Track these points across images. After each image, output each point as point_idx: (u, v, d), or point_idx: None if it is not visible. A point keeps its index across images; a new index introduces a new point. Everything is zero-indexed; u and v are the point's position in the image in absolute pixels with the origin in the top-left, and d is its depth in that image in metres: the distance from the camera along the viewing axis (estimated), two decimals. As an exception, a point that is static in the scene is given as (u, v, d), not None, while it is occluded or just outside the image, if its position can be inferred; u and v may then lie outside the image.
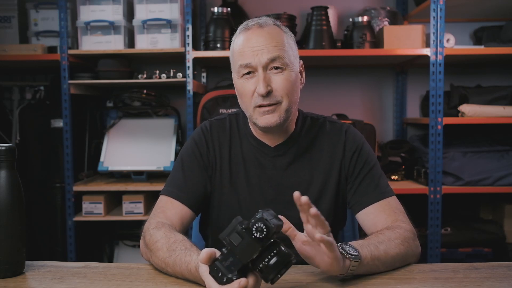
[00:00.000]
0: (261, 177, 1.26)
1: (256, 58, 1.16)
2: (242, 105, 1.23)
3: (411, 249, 1.11)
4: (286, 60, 1.17)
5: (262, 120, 1.18)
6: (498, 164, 2.45)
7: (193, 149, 1.28)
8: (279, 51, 1.17)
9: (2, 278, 1.04)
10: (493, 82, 2.80)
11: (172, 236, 1.08)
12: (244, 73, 1.18)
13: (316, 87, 2.93)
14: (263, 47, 1.16)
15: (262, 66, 1.16)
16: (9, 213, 1.04)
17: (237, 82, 1.22)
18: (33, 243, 2.68)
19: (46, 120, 2.69)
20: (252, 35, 1.19)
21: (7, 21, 2.63)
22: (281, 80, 1.17)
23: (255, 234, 0.82)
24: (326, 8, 2.51)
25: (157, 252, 1.07)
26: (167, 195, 1.24)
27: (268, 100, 1.16)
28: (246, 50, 1.18)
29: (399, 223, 1.16)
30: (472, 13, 2.77)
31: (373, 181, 1.24)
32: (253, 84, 1.17)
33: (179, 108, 2.78)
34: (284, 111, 1.18)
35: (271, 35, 1.18)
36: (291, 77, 1.18)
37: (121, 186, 2.49)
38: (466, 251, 2.55)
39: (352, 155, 1.26)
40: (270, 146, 1.26)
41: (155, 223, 1.15)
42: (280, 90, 1.17)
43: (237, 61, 1.20)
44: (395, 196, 1.24)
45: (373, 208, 1.21)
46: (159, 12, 2.48)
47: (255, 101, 1.17)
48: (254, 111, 1.18)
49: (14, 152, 1.05)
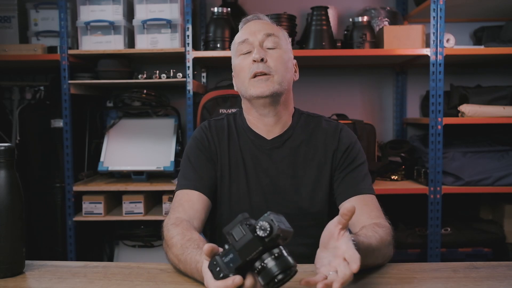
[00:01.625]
0: (258, 169, 1.30)
1: (253, 36, 1.28)
2: (238, 83, 1.31)
3: (391, 251, 1.14)
4: (280, 41, 1.29)
5: (256, 88, 1.25)
6: (498, 164, 2.45)
7: (197, 145, 1.33)
8: (274, 31, 1.30)
9: (2, 278, 1.04)
10: (493, 82, 2.80)
11: (188, 234, 1.09)
12: (242, 53, 1.28)
13: (316, 87, 2.93)
14: (260, 28, 1.30)
15: (259, 41, 1.27)
16: (9, 213, 1.04)
17: (235, 62, 1.31)
18: (33, 243, 2.67)
19: (46, 120, 2.69)
20: (251, 23, 1.33)
21: (7, 21, 2.63)
22: (275, 55, 1.27)
23: (258, 232, 0.81)
24: (326, 8, 2.51)
25: (172, 248, 1.08)
26: (181, 188, 1.27)
27: (262, 68, 1.24)
28: (245, 31, 1.31)
29: (382, 221, 1.19)
30: (472, 13, 2.77)
31: (359, 176, 1.29)
32: (250, 59, 1.26)
33: (179, 108, 2.78)
34: (277, 83, 1.25)
35: (268, 23, 1.34)
36: (284, 54, 1.28)
37: (121, 186, 2.49)
38: (466, 251, 2.55)
39: (344, 150, 1.31)
40: (267, 138, 1.31)
41: (174, 218, 1.17)
42: (273, 62, 1.26)
43: (236, 42, 1.32)
44: (375, 197, 1.28)
45: (355, 201, 1.24)
46: (159, 12, 2.48)
47: (250, 72, 1.25)
48: (249, 83, 1.26)
49: (13, 152, 1.05)
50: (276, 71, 1.25)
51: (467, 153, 2.49)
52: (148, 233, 2.67)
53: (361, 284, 0.99)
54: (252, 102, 1.28)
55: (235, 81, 1.34)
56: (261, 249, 0.81)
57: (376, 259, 1.07)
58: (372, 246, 1.03)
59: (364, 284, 1.00)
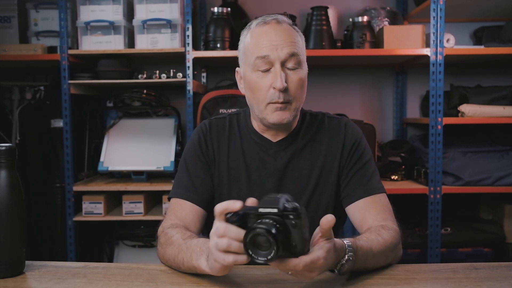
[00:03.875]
0: (262, 172, 1.28)
1: (275, 52, 1.17)
2: (252, 100, 1.23)
3: (399, 253, 1.14)
4: (301, 58, 1.20)
5: (274, 116, 1.19)
6: (498, 164, 2.45)
7: (195, 149, 1.31)
8: (296, 48, 1.19)
9: (2, 278, 1.04)
10: (493, 82, 2.80)
11: (188, 232, 1.11)
12: (261, 69, 1.18)
13: (316, 87, 2.93)
14: (282, 42, 1.17)
15: (281, 61, 1.17)
16: (9, 213, 1.04)
17: (250, 76, 1.21)
18: (33, 243, 2.68)
19: (46, 120, 2.69)
20: (270, 29, 1.19)
21: (7, 21, 2.63)
22: (296, 79, 1.19)
23: (286, 203, 0.86)
24: (326, 8, 2.51)
25: (173, 244, 1.08)
26: (176, 197, 1.26)
27: (283, 98, 1.17)
28: (265, 43, 1.18)
29: (390, 223, 1.18)
30: (472, 13, 2.77)
31: (366, 176, 1.26)
32: (270, 79, 1.18)
33: (179, 108, 2.78)
34: (293, 110, 1.21)
35: (289, 32, 1.20)
36: (303, 76, 1.21)
37: (121, 186, 2.49)
38: (466, 251, 2.55)
39: (350, 147, 1.28)
40: (272, 141, 1.29)
41: (169, 224, 1.17)
42: (293, 89, 1.19)
43: (253, 53, 1.19)
44: (385, 194, 1.26)
45: (363, 202, 1.23)
46: (159, 12, 2.48)
47: (270, 97, 1.18)
48: (266, 107, 1.20)
49: (14, 152, 1.05)
50: (295, 97, 1.19)
51: (467, 153, 2.49)
52: (148, 233, 2.68)
53: (361, 285, 0.99)
54: (265, 123, 1.25)
55: (246, 94, 1.26)
56: (276, 211, 0.85)
57: (377, 263, 1.06)
58: (372, 250, 1.03)
59: (364, 284, 1.00)
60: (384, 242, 1.07)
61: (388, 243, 1.08)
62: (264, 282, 1.01)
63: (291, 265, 0.84)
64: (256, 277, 1.04)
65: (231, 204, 0.87)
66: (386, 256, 1.08)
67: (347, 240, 0.97)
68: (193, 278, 1.04)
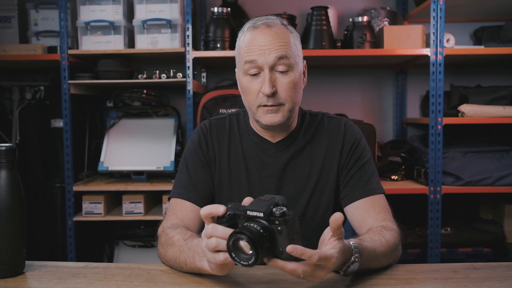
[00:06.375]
0: (262, 173, 1.28)
1: (262, 57, 1.17)
2: (245, 102, 1.26)
3: (399, 253, 1.15)
4: (291, 60, 1.19)
5: (265, 118, 1.21)
6: (498, 164, 2.45)
7: (195, 149, 1.31)
8: (286, 50, 1.18)
9: (2, 278, 1.04)
10: (493, 82, 2.80)
11: (189, 232, 1.11)
12: (250, 73, 1.20)
13: (316, 87, 2.93)
14: (270, 46, 1.18)
15: (269, 66, 1.18)
16: (9, 213, 1.04)
17: (242, 79, 1.23)
18: (33, 243, 2.67)
19: (46, 120, 2.69)
20: (259, 34, 1.20)
21: (7, 21, 2.63)
22: (285, 82, 1.19)
23: (273, 208, 0.85)
24: (326, 8, 2.51)
25: (174, 244, 1.08)
26: (176, 197, 1.27)
27: (272, 101, 1.18)
28: (253, 48, 1.19)
29: (390, 223, 1.19)
30: (472, 13, 2.77)
31: (365, 176, 1.26)
32: (259, 83, 1.19)
33: (179, 108, 2.78)
34: (287, 111, 1.21)
35: (278, 34, 1.19)
36: (295, 78, 1.20)
37: (121, 186, 2.49)
38: (466, 251, 2.55)
39: (350, 148, 1.29)
40: (272, 142, 1.29)
41: (169, 224, 1.18)
42: (284, 92, 1.19)
43: (242, 57, 1.21)
44: (384, 194, 1.26)
45: (362, 203, 1.23)
46: (159, 12, 2.48)
47: (259, 101, 1.20)
48: (257, 110, 1.21)
49: (14, 152, 1.05)
50: (286, 99, 1.19)
51: (467, 153, 2.49)
52: (148, 233, 2.68)
53: (361, 285, 0.99)
54: (259, 125, 1.25)
55: (242, 96, 1.27)
56: (262, 215, 0.85)
57: (380, 263, 1.07)
58: (376, 251, 1.03)
59: (364, 284, 1.00)
60: (387, 243, 1.08)
61: (390, 244, 1.09)
62: (264, 282, 1.01)
63: (306, 255, 0.84)
64: (256, 277, 1.04)
65: (214, 209, 0.90)
66: (388, 256, 1.09)
67: (353, 241, 0.97)
68: (193, 278, 1.04)
